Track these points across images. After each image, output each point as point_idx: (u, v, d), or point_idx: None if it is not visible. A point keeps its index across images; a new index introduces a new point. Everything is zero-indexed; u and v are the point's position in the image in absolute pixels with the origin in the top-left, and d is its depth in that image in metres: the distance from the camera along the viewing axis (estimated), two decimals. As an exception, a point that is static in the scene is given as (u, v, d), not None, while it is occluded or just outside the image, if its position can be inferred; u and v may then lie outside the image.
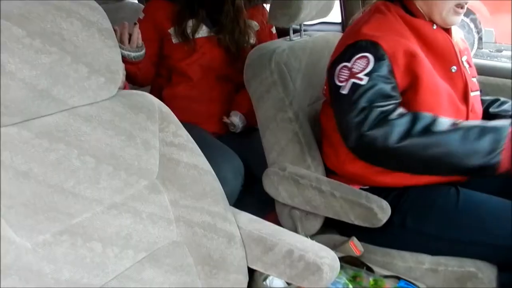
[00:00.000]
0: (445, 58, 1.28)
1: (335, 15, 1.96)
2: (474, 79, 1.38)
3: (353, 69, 1.18)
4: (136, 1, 2.45)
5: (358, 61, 1.18)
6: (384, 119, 1.11)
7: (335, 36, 1.65)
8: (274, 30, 1.94)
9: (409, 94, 1.23)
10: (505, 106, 1.44)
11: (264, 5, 1.96)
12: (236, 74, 1.85)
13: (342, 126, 1.19)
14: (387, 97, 1.16)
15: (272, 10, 1.48)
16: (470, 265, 1.24)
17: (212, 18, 1.81)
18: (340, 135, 1.20)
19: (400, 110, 1.14)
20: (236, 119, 1.81)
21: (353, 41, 1.21)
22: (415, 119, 1.10)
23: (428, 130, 1.08)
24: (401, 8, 1.29)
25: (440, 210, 1.27)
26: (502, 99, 1.48)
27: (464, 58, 1.36)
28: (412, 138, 1.08)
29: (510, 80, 1.70)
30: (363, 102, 1.14)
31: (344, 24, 2.03)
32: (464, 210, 1.25)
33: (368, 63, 1.17)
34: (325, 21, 1.92)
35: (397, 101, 1.17)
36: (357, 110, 1.13)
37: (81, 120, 0.91)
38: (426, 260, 1.28)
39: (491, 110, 1.45)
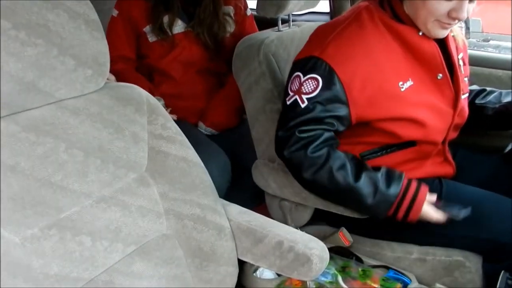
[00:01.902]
0: (431, 65, 1.25)
1: (324, 4, 1.96)
2: (466, 79, 1.36)
3: (302, 86, 1.21)
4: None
5: (309, 81, 1.20)
6: (301, 149, 1.19)
7: (323, 26, 1.65)
8: (249, 12, 1.89)
9: (387, 121, 1.24)
10: (491, 98, 1.43)
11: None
12: (218, 66, 1.84)
13: (275, 135, 1.27)
14: (320, 123, 1.20)
15: (260, 0, 1.47)
16: (457, 255, 1.26)
17: (187, 11, 1.76)
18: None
19: (319, 140, 1.20)
20: (202, 131, 1.81)
21: (317, 55, 1.20)
22: (328, 157, 1.19)
23: (337, 170, 1.18)
24: (390, 12, 1.24)
25: None
26: (488, 89, 1.48)
27: (460, 56, 1.34)
28: (321, 175, 1.19)
29: (498, 70, 1.71)
30: (293, 122, 1.21)
31: (332, 14, 2.03)
32: (447, 201, 1.25)
33: (316, 88, 1.19)
34: (314, 11, 1.91)
35: (328, 128, 1.21)
36: (285, 127, 1.22)
37: (68, 113, 0.90)
38: (415, 250, 1.29)
39: (477, 101, 1.45)
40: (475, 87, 1.50)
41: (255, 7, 1.52)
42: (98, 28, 0.91)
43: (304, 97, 1.20)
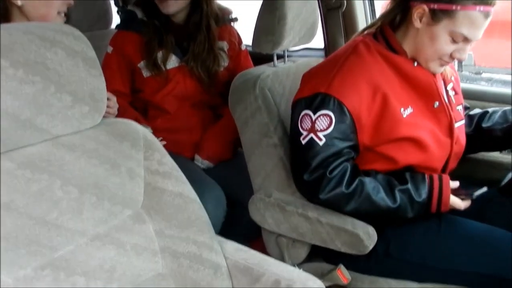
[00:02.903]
0: (427, 94, 1.30)
1: (318, 40, 1.98)
2: (460, 107, 1.39)
3: (315, 124, 1.24)
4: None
5: (322, 118, 1.23)
6: (336, 187, 1.23)
7: (318, 62, 1.67)
8: (243, 47, 1.92)
9: (387, 144, 1.27)
10: (497, 118, 1.44)
11: (232, 23, 1.92)
12: (212, 99, 1.85)
13: (296, 176, 1.31)
14: (341, 155, 1.24)
15: (256, 37, 1.49)
16: (456, 292, 1.24)
17: (181, 46, 1.78)
18: (293, 179, 1.33)
19: (348, 172, 1.24)
20: (199, 164, 1.80)
21: (324, 91, 1.24)
22: (363, 185, 1.23)
23: (375, 195, 1.24)
24: (384, 43, 1.30)
25: (422, 236, 1.28)
26: (490, 110, 1.48)
27: (450, 86, 1.38)
28: (362, 204, 1.24)
29: (491, 104, 1.73)
30: (316, 162, 1.24)
31: (326, 50, 2.06)
32: (446, 236, 1.26)
33: (330, 124, 1.23)
34: (309, 47, 1.94)
35: (349, 157, 1.26)
36: (310, 168, 1.24)
37: (64, 150, 0.90)
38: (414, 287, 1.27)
39: (484, 125, 1.45)
40: (477, 110, 1.52)
41: (249, 42, 1.55)
42: (95, 66, 0.91)
43: (320, 134, 1.23)
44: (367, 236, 1.24)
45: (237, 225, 1.63)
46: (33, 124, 0.83)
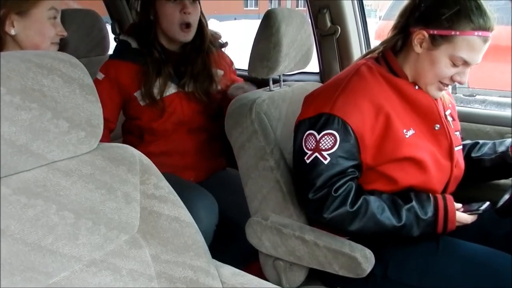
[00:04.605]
0: (428, 116, 1.32)
1: (314, 65, 2.01)
2: (457, 133, 1.41)
3: (320, 144, 1.25)
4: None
5: (326, 137, 1.25)
6: (340, 206, 1.23)
7: (313, 86, 1.69)
8: (234, 67, 1.99)
9: (388, 164, 1.28)
10: (486, 149, 1.47)
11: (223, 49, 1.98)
12: (207, 122, 1.88)
13: (301, 195, 1.33)
14: (345, 174, 1.25)
15: (252, 63, 1.51)
16: (456, 315, 1.23)
17: (179, 72, 1.81)
18: (297, 197, 1.35)
19: (352, 191, 1.24)
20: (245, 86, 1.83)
21: (328, 112, 1.26)
22: (367, 204, 1.24)
23: (380, 214, 1.24)
24: (386, 66, 1.33)
25: (420, 259, 1.27)
26: (481, 141, 1.51)
27: (448, 112, 1.40)
28: (367, 223, 1.24)
29: (486, 126, 1.75)
30: (321, 181, 1.24)
31: (322, 75, 2.08)
32: (444, 258, 1.26)
33: (334, 143, 1.24)
34: (304, 71, 1.96)
35: (353, 176, 1.26)
36: (315, 187, 1.25)
37: (60, 175, 0.90)
38: (412, 311, 1.26)
39: (473, 155, 1.48)
40: (468, 141, 1.54)
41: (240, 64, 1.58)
42: (92, 92, 0.92)
43: (324, 153, 1.24)
44: (365, 259, 1.23)
45: (234, 248, 1.62)
46: (29, 150, 0.84)
